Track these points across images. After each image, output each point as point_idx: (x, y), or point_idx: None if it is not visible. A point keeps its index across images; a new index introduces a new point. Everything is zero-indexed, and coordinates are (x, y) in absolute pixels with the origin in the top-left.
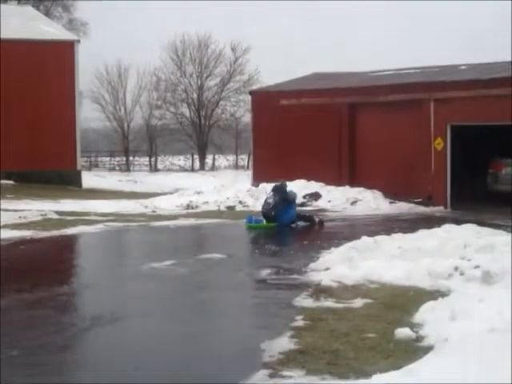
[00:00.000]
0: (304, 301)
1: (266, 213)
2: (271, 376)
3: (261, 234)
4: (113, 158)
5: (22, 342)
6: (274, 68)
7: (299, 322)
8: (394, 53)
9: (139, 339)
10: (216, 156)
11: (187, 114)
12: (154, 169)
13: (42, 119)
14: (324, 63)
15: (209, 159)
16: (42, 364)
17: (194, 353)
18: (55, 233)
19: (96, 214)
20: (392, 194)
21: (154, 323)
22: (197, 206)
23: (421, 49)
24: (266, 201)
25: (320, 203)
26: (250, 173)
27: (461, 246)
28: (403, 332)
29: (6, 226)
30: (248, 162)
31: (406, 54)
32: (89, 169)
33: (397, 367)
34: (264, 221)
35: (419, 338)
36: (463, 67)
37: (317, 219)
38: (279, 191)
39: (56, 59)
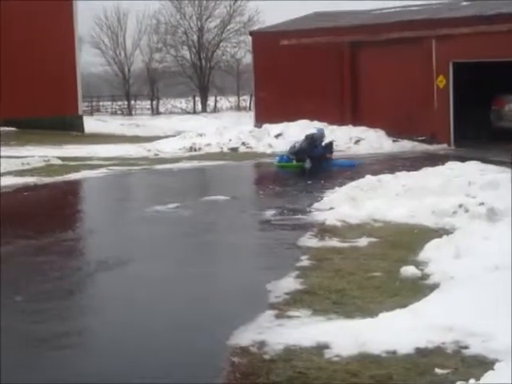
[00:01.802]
0: (309, 241)
1: (293, 154)
2: (277, 317)
3: (265, 175)
4: (114, 103)
5: (27, 288)
6: (274, 8)
7: (304, 261)
8: None
9: (144, 282)
10: (218, 98)
11: (188, 57)
12: (155, 112)
13: (42, 65)
14: (325, 2)
15: (210, 101)
16: (47, 310)
17: (200, 295)
18: (58, 178)
19: (99, 159)
20: (395, 133)
21: (158, 266)
22: (199, 149)
23: None
24: (293, 145)
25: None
26: (252, 114)
27: (465, 184)
28: (408, 270)
29: (9, 173)
30: (250, 103)
31: None
32: (90, 114)
33: (403, 305)
34: (294, 161)
35: (424, 276)
36: (465, 3)
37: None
38: (311, 140)
39: (55, 4)
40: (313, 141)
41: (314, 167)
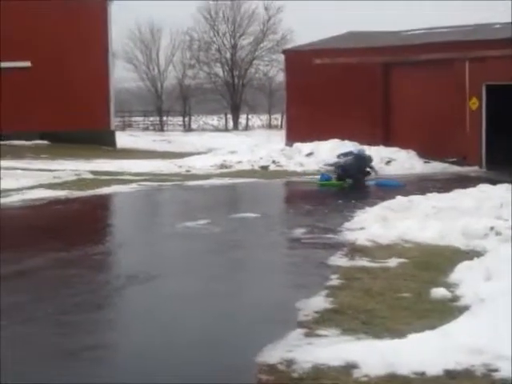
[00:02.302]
0: (339, 260)
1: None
2: (306, 335)
3: (295, 193)
4: (146, 118)
5: (57, 301)
6: (308, 27)
7: (334, 281)
8: (428, 11)
9: (173, 298)
10: (249, 116)
11: (220, 74)
12: (187, 128)
13: (75, 80)
14: (358, 22)
15: (242, 119)
16: (77, 323)
17: (228, 312)
18: (89, 192)
19: (130, 174)
20: (426, 154)
21: (187, 282)
22: (230, 166)
23: (457, 9)
24: (337, 161)
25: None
26: (283, 132)
27: (497, 206)
28: (438, 292)
29: (40, 186)
30: (281, 121)
31: (441, 14)
32: (122, 129)
33: (432, 327)
34: (333, 179)
35: (455, 298)
36: (498, 26)
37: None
38: (361, 158)
39: (89, 18)
40: (363, 159)
41: (356, 186)
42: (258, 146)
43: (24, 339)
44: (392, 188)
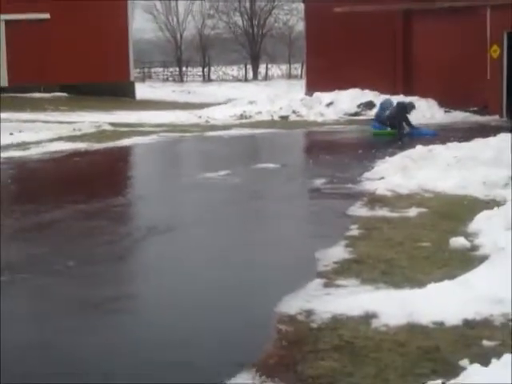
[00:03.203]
0: (358, 210)
1: (381, 121)
2: (325, 285)
3: (315, 143)
4: (166, 69)
5: (78, 253)
6: None
7: (354, 231)
8: None
9: (194, 249)
10: (269, 65)
11: (240, 23)
12: (207, 79)
13: (94, 31)
14: None
15: (262, 69)
16: (99, 274)
17: (248, 262)
18: (109, 144)
19: (150, 125)
20: (447, 103)
21: (208, 233)
22: (250, 116)
23: None
24: (380, 112)
25: (374, 112)
26: (303, 82)
27: None
28: (458, 241)
29: (60, 139)
30: (301, 71)
31: None
32: (142, 80)
33: (452, 277)
34: (388, 128)
35: (474, 248)
36: None
37: None
38: (399, 109)
39: None
40: (404, 108)
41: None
42: (277, 96)
43: (45, 291)
44: (429, 136)
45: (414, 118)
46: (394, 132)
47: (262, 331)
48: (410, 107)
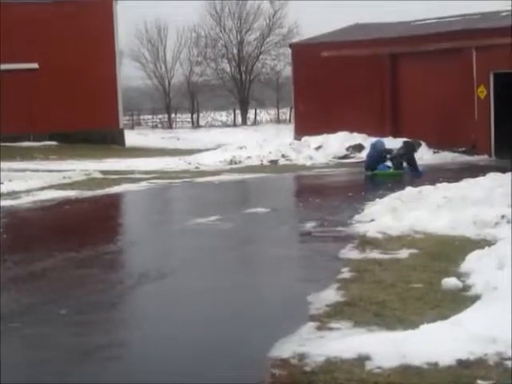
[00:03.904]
0: (350, 252)
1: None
2: (318, 328)
3: (305, 187)
4: (155, 116)
5: (70, 301)
6: (314, 20)
7: (345, 273)
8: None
9: (186, 295)
10: (258, 110)
11: (228, 70)
12: (196, 125)
13: (83, 79)
14: (365, 13)
15: (250, 114)
16: (91, 322)
17: (241, 307)
18: (99, 192)
19: (140, 172)
20: (435, 144)
21: (200, 279)
22: (240, 161)
23: None
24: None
25: (363, 155)
26: (291, 126)
27: (507, 194)
28: (450, 281)
29: (50, 187)
30: (290, 115)
31: (446, 3)
32: (131, 127)
33: (444, 317)
34: (391, 168)
35: (466, 288)
36: (504, 13)
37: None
38: (408, 147)
39: (95, 19)
40: (413, 146)
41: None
42: (266, 141)
43: (38, 340)
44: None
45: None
46: (398, 173)
47: (256, 376)
48: (417, 145)
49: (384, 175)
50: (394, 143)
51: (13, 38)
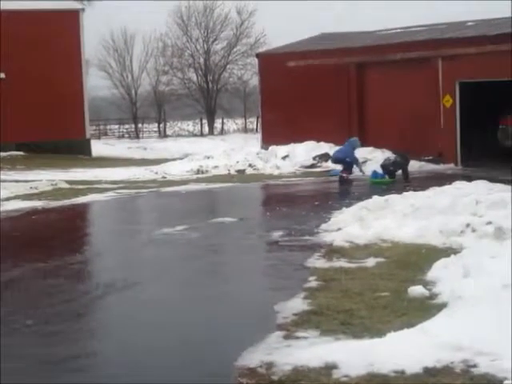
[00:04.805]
0: (316, 261)
1: (386, 166)
2: (285, 337)
3: (273, 196)
4: (122, 126)
5: (36, 312)
6: (281, 30)
7: (312, 282)
8: (399, 10)
9: (152, 305)
10: (225, 120)
11: (194, 79)
12: (163, 135)
13: (50, 89)
14: (331, 23)
15: (218, 123)
16: (58, 333)
17: (207, 316)
18: (66, 202)
19: (106, 182)
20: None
21: (166, 288)
22: (207, 171)
23: (427, 5)
24: (387, 158)
25: (330, 164)
26: (259, 136)
27: (473, 203)
28: (416, 290)
29: (17, 197)
30: (257, 125)
31: (413, 12)
32: (98, 137)
33: (411, 325)
34: (387, 176)
35: (432, 296)
36: (470, 23)
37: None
38: (404, 158)
39: (61, 29)
40: (407, 158)
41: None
42: (234, 150)
43: (4, 351)
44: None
45: (371, 168)
46: (391, 180)
47: None
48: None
49: (380, 183)
50: (362, 152)
51: None
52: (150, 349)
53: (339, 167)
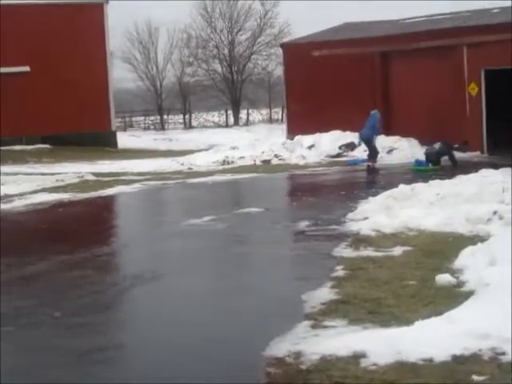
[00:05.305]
0: (343, 251)
1: (429, 155)
2: (313, 327)
3: (298, 186)
4: (147, 118)
5: (64, 304)
6: (305, 20)
7: (339, 271)
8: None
9: (180, 296)
10: (250, 111)
11: (219, 70)
12: (188, 126)
13: (74, 82)
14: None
15: (243, 114)
16: (85, 324)
17: (235, 307)
18: (93, 194)
19: (133, 174)
20: (428, 142)
21: (194, 279)
22: (233, 162)
23: None
24: (431, 147)
25: (356, 153)
26: (284, 126)
27: (499, 191)
28: (443, 278)
29: (43, 190)
30: (282, 115)
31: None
32: (124, 129)
33: (438, 313)
34: (430, 164)
35: (460, 284)
36: (495, 10)
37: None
38: (447, 146)
39: (85, 21)
40: (451, 146)
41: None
42: (259, 141)
43: (31, 343)
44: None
45: (397, 157)
46: (434, 168)
47: (252, 375)
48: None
49: (423, 171)
50: (388, 141)
51: (4, 41)
52: (178, 340)
53: (359, 155)
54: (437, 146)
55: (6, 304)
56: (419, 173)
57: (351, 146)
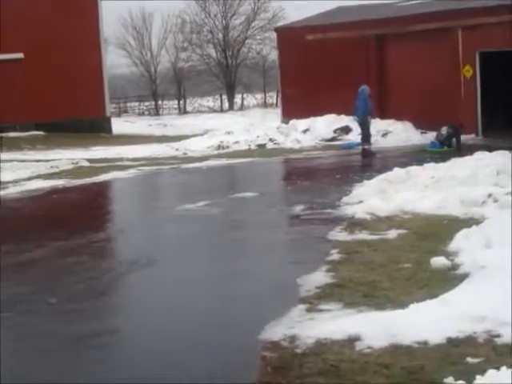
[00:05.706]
0: (338, 234)
1: (443, 138)
2: (308, 310)
3: (293, 170)
4: (141, 103)
5: (59, 290)
6: (299, 4)
7: (334, 255)
8: None
9: (176, 281)
10: (244, 95)
11: (213, 55)
12: (183, 111)
13: (68, 68)
14: None
15: (237, 99)
16: (80, 310)
17: (231, 291)
18: (87, 180)
19: (128, 160)
20: (423, 125)
21: (189, 264)
22: (227, 146)
23: None
24: (440, 132)
25: (350, 137)
26: (278, 110)
27: (494, 173)
28: (438, 261)
29: (38, 177)
30: (276, 99)
31: None
32: (118, 115)
33: (433, 296)
34: (446, 147)
35: (455, 266)
36: None
37: None
38: (456, 129)
39: (79, 7)
40: (459, 129)
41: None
42: (254, 126)
43: (28, 329)
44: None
45: (391, 140)
46: (449, 150)
47: (247, 358)
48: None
49: (438, 152)
50: (382, 124)
51: None
52: (172, 325)
53: (353, 139)
54: (444, 129)
55: (4, 290)
56: (437, 155)
57: (346, 130)
